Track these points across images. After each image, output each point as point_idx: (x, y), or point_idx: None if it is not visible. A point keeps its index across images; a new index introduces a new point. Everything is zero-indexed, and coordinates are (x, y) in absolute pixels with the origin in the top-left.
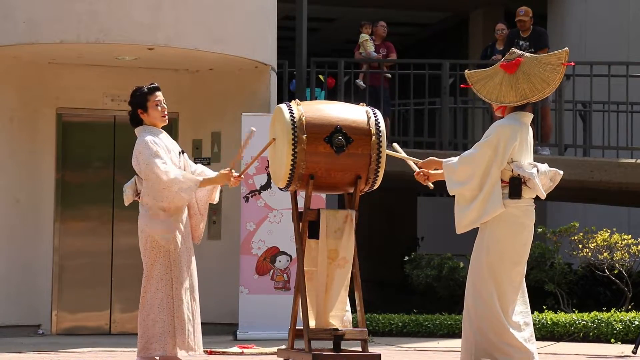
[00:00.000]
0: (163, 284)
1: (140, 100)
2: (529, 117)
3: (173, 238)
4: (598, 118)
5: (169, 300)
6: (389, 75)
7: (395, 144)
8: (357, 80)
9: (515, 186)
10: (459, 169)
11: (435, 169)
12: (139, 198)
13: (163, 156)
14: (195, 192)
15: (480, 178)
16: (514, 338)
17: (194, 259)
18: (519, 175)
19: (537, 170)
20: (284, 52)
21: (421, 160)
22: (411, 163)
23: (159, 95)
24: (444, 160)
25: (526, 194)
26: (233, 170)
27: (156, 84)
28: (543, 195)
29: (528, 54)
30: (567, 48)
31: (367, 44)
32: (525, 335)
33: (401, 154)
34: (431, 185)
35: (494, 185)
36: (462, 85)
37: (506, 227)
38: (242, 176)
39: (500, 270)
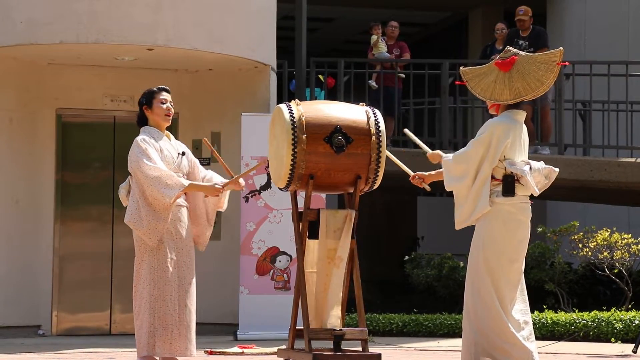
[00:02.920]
0: (147, 283)
1: (147, 97)
2: (522, 115)
3: (158, 237)
4: (598, 117)
5: (151, 299)
6: (403, 76)
7: (406, 130)
8: (370, 81)
9: (508, 184)
10: (454, 167)
11: (429, 174)
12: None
13: (151, 154)
14: (179, 193)
15: (473, 175)
16: (514, 336)
17: (192, 262)
18: (512, 172)
19: (530, 168)
20: (283, 52)
21: (430, 152)
22: (405, 168)
23: (166, 95)
24: (443, 155)
25: (520, 192)
26: (217, 184)
27: (167, 87)
28: (536, 193)
29: (523, 53)
30: (561, 48)
31: (379, 45)
32: (524, 333)
33: (415, 140)
34: (428, 188)
35: (484, 183)
36: (456, 82)
37: (501, 225)
38: (242, 180)
39: (497, 268)
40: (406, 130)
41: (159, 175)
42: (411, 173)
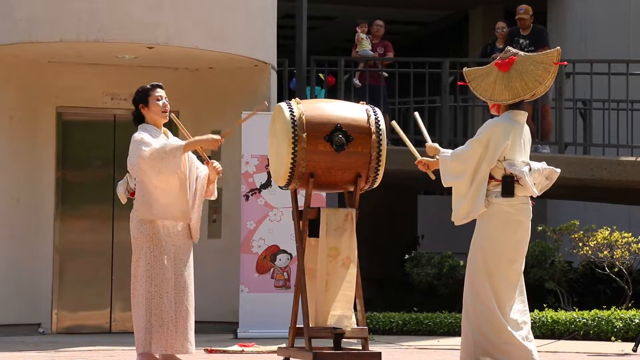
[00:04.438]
0: (144, 280)
1: (142, 95)
2: (523, 115)
3: (155, 233)
4: (598, 116)
5: (148, 296)
6: (386, 75)
7: (416, 114)
8: (354, 79)
9: (507, 184)
10: (451, 163)
11: (434, 155)
12: (132, 196)
13: (147, 140)
14: (181, 156)
15: (471, 175)
16: (513, 336)
17: (189, 260)
18: (511, 173)
19: (530, 169)
20: (284, 51)
21: (428, 144)
22: (414, 151)
23: (161, 91)
24: (440, 150)
25: (519, 192)
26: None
27: (160, 83)
28: (535, 194)
29: (522, 53)
30: (559, 47)
31: (363, 43)
32: (523, 333)
33: (420, 126)
34: (432, 175)
35: (482, 183)
36: (459, 83)
37: (501, 225)
38: (222, 139)
39: (497, 268)
40: (416, 114)
41: (155, 148)
42: (419, 156)
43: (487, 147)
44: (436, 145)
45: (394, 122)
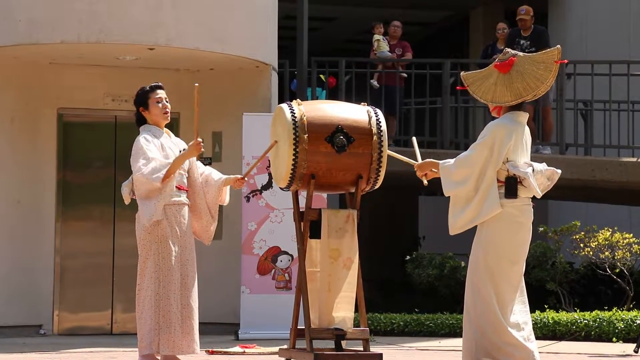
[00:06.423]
0: (152, 281)
1: (142, 98)
2: (524, 116)
3: (162, 235)
4: (599, 117)
5: (156, 297)
6: (405, 75)
7: (414, 139)
8: (372, 81)
9: (511, 186)
10: (455, 171)
11: (432, 170)
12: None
13: (148, 153)
14: (169, 173)
15: (476, 179)
16: (514, 337)
17: (194, 261)
18: (514, 174)
19: (532, 170)
20: (284, 52)
21: (418, 162)
22: (409, 160)
23: (161, 93)
24: (440, 162)
25: (522, 193)
26: (232, 175)
27: (159, 83)
28: (539, 195)
29: (521, 54)
30: (559, 46)
31: (381, 44)
32: (524, 334)
33: (415, 150)
34: (426, 182)
35: (490, 185)
36: (457, 87)
37: (504, 227)
38: (246, 178)
39: (499, 270)
40: (414, 139)
41: (146, 167)
42: (415, 163)
43: (492, 149)
44: (430, 160)
45: (414, 139)
